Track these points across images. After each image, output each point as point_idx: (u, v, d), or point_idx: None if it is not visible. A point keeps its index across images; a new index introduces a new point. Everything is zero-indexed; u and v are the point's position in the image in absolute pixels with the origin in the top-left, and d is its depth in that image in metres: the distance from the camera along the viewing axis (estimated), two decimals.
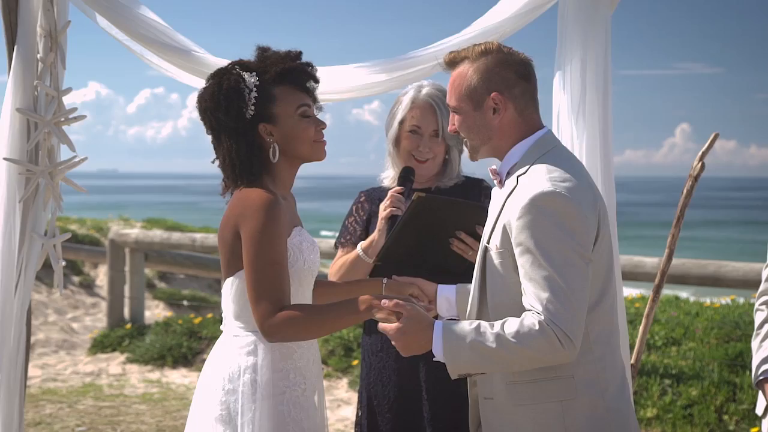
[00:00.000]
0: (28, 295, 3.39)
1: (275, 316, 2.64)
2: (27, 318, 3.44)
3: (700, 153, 3.41)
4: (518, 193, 2.57)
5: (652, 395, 6.54)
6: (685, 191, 3.40)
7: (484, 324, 2.53)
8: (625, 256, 7.43)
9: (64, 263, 3.51)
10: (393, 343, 2.60)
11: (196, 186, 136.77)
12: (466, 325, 2.54)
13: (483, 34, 3.31)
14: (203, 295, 13.97)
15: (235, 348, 2.78)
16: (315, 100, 2.89)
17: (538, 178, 2.55)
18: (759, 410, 3.36)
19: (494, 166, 2.78)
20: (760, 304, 3.40)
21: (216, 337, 8.90)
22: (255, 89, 2.76)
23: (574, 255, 2.49)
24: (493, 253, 2.62)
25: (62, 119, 3.33)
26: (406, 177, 3.26)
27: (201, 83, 3.45)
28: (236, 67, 2.81)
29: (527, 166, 2.62)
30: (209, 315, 9.96)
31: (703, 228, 49.13)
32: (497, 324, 2.51)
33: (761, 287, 3.41)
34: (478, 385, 2.74)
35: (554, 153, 2.65)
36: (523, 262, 2.52)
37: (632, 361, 3.43)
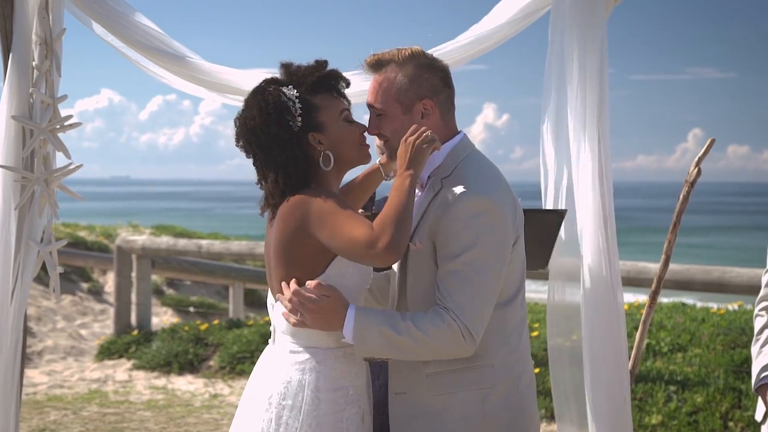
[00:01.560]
0: (24, 302, 3.39)
1: (375, 234, 2.59)
2: (23, 325, 3.44)
3: (696, 159, 3.40)
4: (444, 195, 2.68)
5: (657, 402, 6.51)
6: (681, 197, 3.39)
7: (395, 313, 2.67)
8: (629, 262, 7.41)
9: (61, 270, 3.50)
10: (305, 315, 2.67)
11: (208, 192, 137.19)
12: (378, 312, 2.66)
13: (478, 39, 3.32)
14: (211, 301, 14.00)
15: (293, 363, 2.76)
16: (350, 103, 2.90)
17: (465, 183, 2.67)
18: (758, 416, 3.34)
19: None
20: (760, 310, 3.39)
21: (222, 344, 8.96)
22: (297, 100, 2.76)
23: (492, 256, 2.62)
24: (415, 251, 2.72)
25: (57, 126, 3.33)
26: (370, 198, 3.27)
27: (195, 90, 3.47)
28: (270, 84, 2.80)
29: (450, 170, 2.74)
30: (215, 321, 9.97)
31: (715, 234, 48.93)
32: (408, 314, 2.64)
33: (761, 293, 3.39)
34: (390, 381, 2.82)
35: (473, 157, 2.78)
36: (442, 259, 2.65)
37: (629, 368, 3.41)
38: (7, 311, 3.34)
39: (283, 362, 2.78)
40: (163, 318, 12.86)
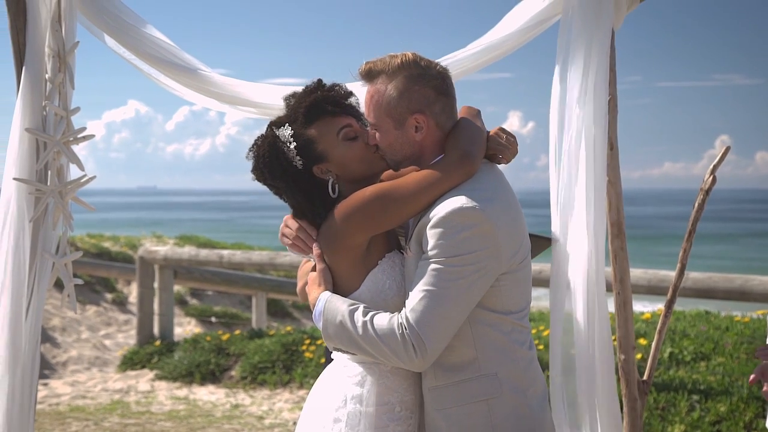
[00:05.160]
0: (40, 314, 3.40)
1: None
2: (39, 337, 3.45)
3: (711, 167, 3.36)
4: (437, 203, 2.61)
5: (680, 411, 6.44)
6: (696, 205, 3.35)
7: (360, 308, 2.61)
8: (651, 271, 7.35)
9: (80, 281, 3.52)
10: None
11: (234, 203, 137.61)
12: (345, 305, 2.62)
13: (488, 48, 3.30)
14: (234, 311, 14.05)
15: (344, 377, 2.76)
16: (355, 115, 2.83)
17: (460, 192, 2.60)
18: None
19: None
20: None
21: (243, 354, 8.97)
22: (292, 139, 2.74)
23: (469, 268, 2.54)
24: (406, 257, 2.71)
25: (71, 138, 3.35)
26: None
27: (207, 102, 3.47)
28: (271, 127, 2.81)
29: None
30: (237, 331, 9.98)
31: (744, 242, 48.49)
32: (370, 313, 2.59)
33: None
34: None
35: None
36: (420, 266, 2.59)
37: (644, 377, 3.37)
38: (22, 323, 3.35)
39: (336, 376, 2.78)
40: (186, 328, 12.91)
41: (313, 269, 2.79)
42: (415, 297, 2.55)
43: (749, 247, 45.72)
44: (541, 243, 3.08)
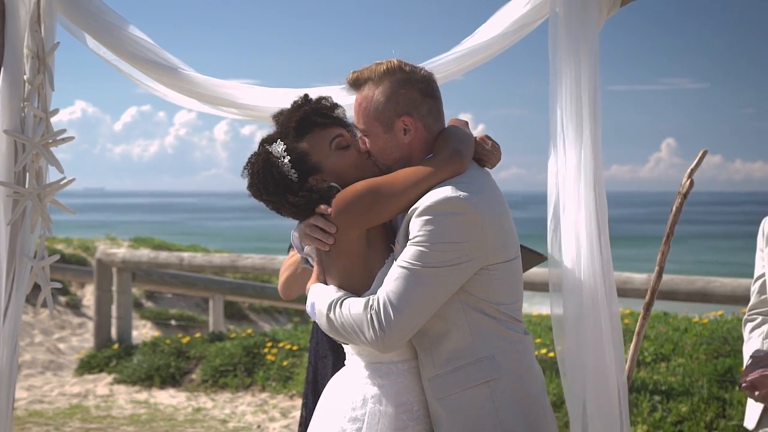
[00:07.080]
0: (18, 319, 3.34)
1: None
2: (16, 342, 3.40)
3: (689, 170, 3.41)
4: (425, 196, 2.67)
5: (642, 412, 6.53)
6: (674, 209, 3.40)
7: (340, 294, 2.69)
8: (614, 273, 7.42)
9: (60, 285, 3.47)
10: None
11: (184, 204, 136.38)
12: (330, 295, 2.70)
13: (472, 52, 3.31)
14: (191, 314, 13.93)
15: (362, 377, 2.78)
16: (344, 124, 2.87)
17: (445, 184, 2.66)
18: (749, 423, 3.32)
19: None
20: (750, 315, 3.40)
21: (204, 357, 8.90)
22: (286, 153, 2.77)
23: (451, 255, 2.59)
24: (395, 251, 2.74)
25: (50, 140, 3.30)
26: None
27: (189, 102, 3.45)
28: (263, 144, 2.84)
29: None
30: (197, 334, 9.90)
31: (689, 243, 49.29)
32: (349, 298, 2.66)
33: (752, 301, 3.40)
34: None
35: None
36: (402, 252, 2.64)
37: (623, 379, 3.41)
38: (0, 329, 3.29)
39: (354, 376, 2.80)
40: (142, 331, 12.76)
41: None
42: (392, 276, 2.61)
43: (697, 248, 46.48)
44: (532, 257, 3.11)
